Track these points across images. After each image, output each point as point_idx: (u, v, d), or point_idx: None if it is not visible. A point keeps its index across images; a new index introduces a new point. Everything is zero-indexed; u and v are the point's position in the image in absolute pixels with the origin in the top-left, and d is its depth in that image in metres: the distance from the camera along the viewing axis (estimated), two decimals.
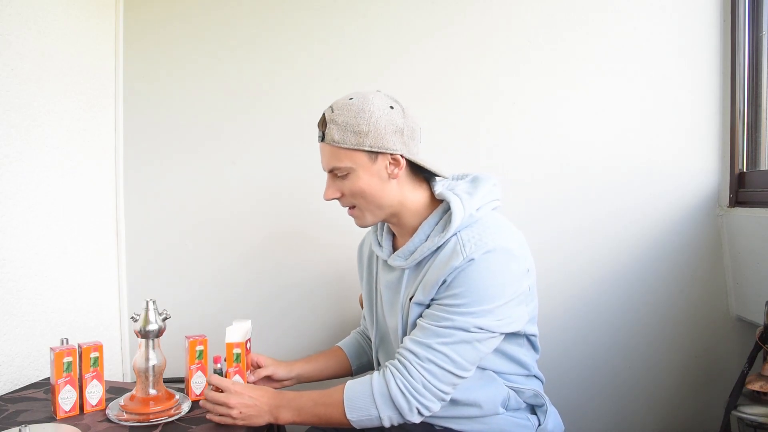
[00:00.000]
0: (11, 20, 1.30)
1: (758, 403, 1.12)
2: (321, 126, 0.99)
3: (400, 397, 0.90)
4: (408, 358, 0.92)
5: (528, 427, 1.04)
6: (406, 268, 1.01)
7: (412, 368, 0.91)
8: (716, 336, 1.44)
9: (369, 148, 0.95)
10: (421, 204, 1.02)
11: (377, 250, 1.09)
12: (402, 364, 0.92)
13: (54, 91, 1.44)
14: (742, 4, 1.37)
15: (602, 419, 1.50)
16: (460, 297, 0.92)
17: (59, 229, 1.47)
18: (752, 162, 1.39)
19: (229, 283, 1.68)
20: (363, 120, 0.94)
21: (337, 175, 0.99)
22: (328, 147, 0.97)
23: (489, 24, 1.50)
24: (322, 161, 1.01)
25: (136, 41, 1.69)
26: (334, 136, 0.95)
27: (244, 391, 0.99)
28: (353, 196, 0.99)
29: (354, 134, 0.94)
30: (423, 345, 0.92)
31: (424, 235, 0.99)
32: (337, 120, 0.95)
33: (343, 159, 0.96)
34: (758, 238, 1.28)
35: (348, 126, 0.94)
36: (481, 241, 0.93)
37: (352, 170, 0.97)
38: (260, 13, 1.63)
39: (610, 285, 1.47)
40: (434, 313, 0.94)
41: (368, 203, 0.99)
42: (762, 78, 1.37)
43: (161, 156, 1.70)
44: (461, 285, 0.92)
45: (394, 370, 0.93)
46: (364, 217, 1.02)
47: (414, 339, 0.93)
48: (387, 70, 1.56)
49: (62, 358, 1.11)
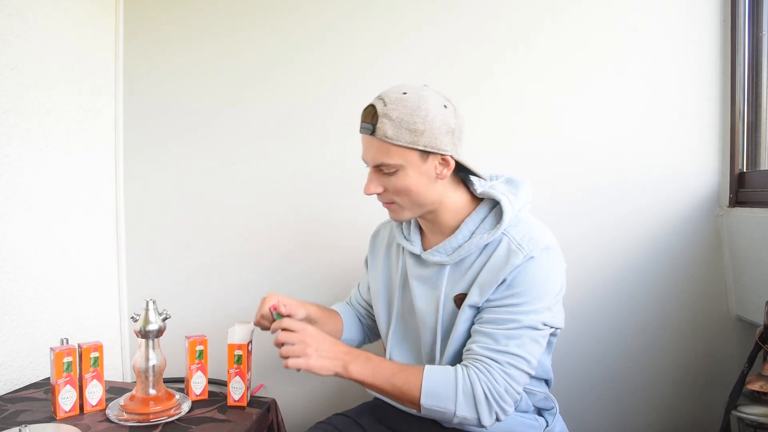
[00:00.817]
0: (11, 20, 1.30)
1: (758, 403, 1.12)
2: (370, 118, 0.93)
3: (484, 401, 0.88)
4: (490, 364, 0.90)
5: (536, 427, 1.05)
6: (449, 264, 1.00)
7: (496, 373, 0.89)
8: (716, 336, 1.44)
9: (422, 148, 0.92)
10: (460, 203, 1.01)
11: (406, 244, 1.07)
12: (486, 368, 0.90)
13: (54, 91, 1.44)
14: (742, 4, 1.37)
15: (602, 419, 1.50)
16: (522, 295, 0.92)
17: (59, 229, 1.47)
18: (752, 162, 1.39)
19: (229, 283, 1.68)
20: (419, 118, 0.91)
21: (383, 171, 0.95)
22: (378, 142, 0.93)
23: (488, 24, 1.50)
24: (367, 155, 0.96)
25: (136, 41, 1.69)
26: (387, 131, 0.91)
27: (319, 335, 0.95)
28: (397, 193, 0.96)
29: (409, 132, 0.91)
30: (500, 351, 0.90)
31: (468, 232, 0.99)
32: (390, 115, 0.91)
33: (394, 156, 0.92)
34: (758, 238, 1.28)
35: (403, 123, 0.91)
36: (534, 239, 0.94)
37: (401, 168, 0.93)
38: (260, 12, 1.63)
39: (610, 285, 1.47)
40: (498, 317, 0.93)
41: (411, 201, 0.97)
42: (762, 78, 1.37)
43: (161, 156, 1.70)
44: (522, 283, 0.92)
45: (479, 372, 0.90)
46: (402, 213, 0.99)
47: (488, 347, 0.91)
48: (387, 70, 1.56)
49: (62, 358, 1.11)
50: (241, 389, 1.18)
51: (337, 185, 1.60)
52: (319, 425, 1.10)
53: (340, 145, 1.59)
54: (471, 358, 0.92)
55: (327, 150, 1.60)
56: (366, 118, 0.94)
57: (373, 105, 0.93)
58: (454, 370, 0.91)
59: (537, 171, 1.48)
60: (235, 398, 1.19)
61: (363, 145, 0.97)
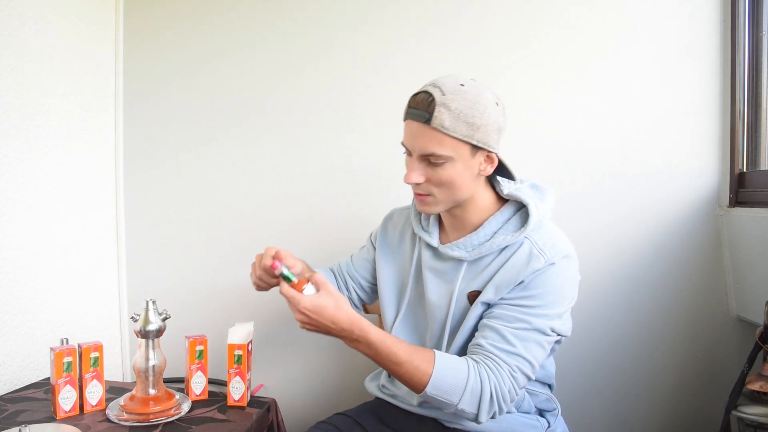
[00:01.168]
0: (11, 20, 1.30)
1: (758, 403, 1.12)
2: (425, 106, 0.89)
3: (488, 400, 0.88)
4: (500, 364, 0.89)
5: (538, 428, 1.05)
6: (467, 260, 0.99)
7: (504, 374, 0.89)
8: (716, 336, 1.44)
9: (475, 142, 0.90)
10: (488, 201, 1.01)
11: (425, 235, 1.06)
12: (496, 367, 0.89)
13: (54, 91, 1.44)
14: (742, 4, 1.37)
15: (602, 419, 1.51)
16: (537, 299, 0.92)
17: (59, 229, 1.47)
18: (752, 162, 1.39)
19: (229, 283, 1.68)
20: (478, 113, 0.89)
21: (430, 162, 0.92)
22: (432, 131, 0.89)
23: (487, 24, 1.50)
24: (415, 142, 0.92)
25: (136, 41, 1.69)
26: (444, 121, 0.88)
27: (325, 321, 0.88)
28: (439, 185, 0.93)
29: (466, 125, 0.89)
30: (509, 352, 0.90)
31: (491, 231, 0.98)
32: (450, 105, 0.88)
33: (447, 147, 0.90)
34: (758, 238, 1.28)
35: (461, 115, 0.88)
36: (556, 247, 0.94)
37: (450, 160, 0.91)
38: (260, 13, 1.63)
39: (610, 285, 1.47)
40: (508, 314, 0.92)
41: (449, 195, 0.95)
42: (762, 78, 1.37)
43: (161, 156, 1.70)
44: (539, 287, 0.92)
45: (489, 371, 0.89)
46: (435, 206, 0.97)
47: (497, 345, 0.90)
48: (388, 68, 1.56)
49: (62, 358, 1.11)
50: (241, 389, 1.18)
51: (338, 185, 1.60)
52: (319, 425, 1.09)
53: (341, 145, 1.59)
54: (481, 354, 0.91)
55: (328, 150, 1.60)
56: (420, 105, 0.90)
57: (430, 92, 0.89)
58: (465, 365, 0.89)
59: (536, 171, 1.48)
60: (235, 398, 1.19)
61: (410, 132, 0.93)
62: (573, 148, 1.47)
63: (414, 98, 0.92)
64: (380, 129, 1.56)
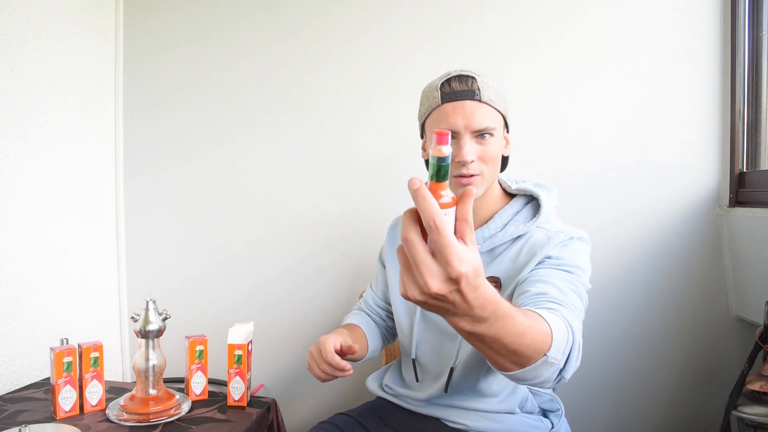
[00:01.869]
0: (11, 20, 1.30)
1: (758, 403, 1.12)
2: (470, 84, 0.94)
3: (576, 353, 0.75)
4: (574, 313, 0.81)
5: (541, 428, 1.05)
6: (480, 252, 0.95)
7: (580, 324, 0.83)
8: (716, 336, 1.44)
9: (507, 116, 1.00)
10: (496, 196, 1.04)
11: None
12: (573, 315, 0.81)
13: (54, 91, 1.44)
14: (742, 4, 1.37)
15: (602, 419, 1.50)
16: (571, 266, 0.92)
17: (59, 229, 1.47)
18: (752, 162, 1.39)
19: (229, 283, 1.68)
20: (504, 91, 0.99)
21: (479, 137, 0.94)
22: (483, 105, 0.94)
23: (489, 23, 1.50)
24: (470, 118, 0.93)
25: (136, 41, 1.69)
26: (491, 95, 0.95)
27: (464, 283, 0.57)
28: (489, 160, 0.95)
29: (502, 101, 0.98)
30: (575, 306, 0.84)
31: (502, 223, 1.01)
32: (488, 83, 0.96)
33: (496, 119, 0.96)
34: (758, 238, 1.28)
35: (498, 91, 0.97)
36: (571, 230, 0.97)
37: (495, 133, 0.96)
38: (259, 14, 1.63)
39: (610, 285, 1.47)
40: (555, 274, 0.89)
41: (492, 173, 0.98)
42: (762, 78, 1.37)
43: (161, 156, 1.70)
44: (569, 256, 0.93)
45: (571, 324, 0.76)
46: (481, 185, 0.97)
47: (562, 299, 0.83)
48: (392, 69, 1.56)
49: (62, 358, 1.11)
50: (241, 389, 1.18)
51: (338, 184, 1.60)
52: (321, 425, 1.09)
53: (342, 145, 1.59)
54: (552, 302, 0.82)
55: (328, 149, 1.60)
56: (465, 84, 0.94)
57: (467, 75, 0.95)
58: (563, 321, 0.75)
59: (536, 171, 1.48)
60: (235, 398, 1.19)
61: (460, 111, 0.93)
62: (573, 148, 1.47)
63: (450, 82, 0.95)
64: (382, 129, 1.56)
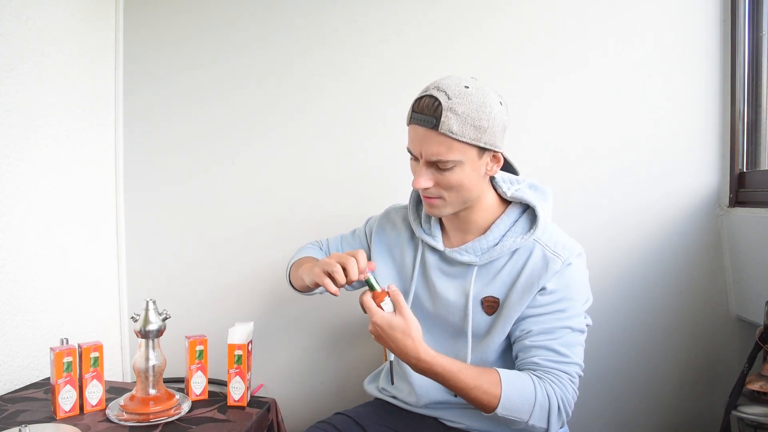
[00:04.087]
0: (11, 20, 1.30)
1: (758, 403, 1.12)
2: (432, 111, 0.87)
3: (556, 412, 0.89)
4: (561, 376, 0.91)
5: None
6: (478, 264, 0.99)
7: (567, 384, 0.91)
8: (716, 336, 1.44)
9: (483, 145, 0.90)
10: (492, 204, 1.01)
11: (429, 239, 1.04)
12: (558, 380, 0.91)
13: (54, 91, 1.44)
14: (742, 4, 1.37)
15: (602, 419, 1.51)
16: (566, 301, 0.94)
17: (59, 229, 1.47)
18: (752, 162, 1.39)
19: (229, 283, 1.68)
20: (485, 115, 0.88)
21: (438, 167, 0.91)
22: (440, 137, 0.88)
23: (488, 23, 1.50)
24: (423, 149, 0.90)
25: (136, 41, 1.69)
26: (452, 126, 0.87)
27: (395, 339, 0.89)
28: (448, 188, 0.92)
29: (474, 129, 0.88)
30: (566, 363, 0.92)
31: (500, 234, 0.99)
32: (456, 109, 0.87)
33: (455, 152, 0.89)
34: (758, 238, 1.28)
35: (468, 119, 0.87)
36: (567, 246, 0.96)
37: (458, 164, 0.90)
38: (259, 13, 1.63)
39: (609, 285, 1.47)
40: (548, 327, 0.93)
41: (459, 197, 0.94)
42: (762, 78, 1.37)
43: (161, 156, 1.70)
44: (564, 289, 0.94)
45: (554, 385, 0.90)
46: (444, 209, 0.96)
47: (553, 360, 0.92)
48: (391, 69, 1.56)
49: (62, 358, 1.11)
50: (241, 389, 1.18)
51: (338, 184, 1.60)
52: (319, 424, 1.09)
53: (342, 144, 1.59)
54: (540, 371, 0.92)
55: (328, 149, 1.60)
56: (426, 110, 0.88)
57: (435, 97, 0.88)
58: (531, 382, 0.90)
59: (536, 171, 1.48)
60: (235, 398, 1.19)
61: (416, 137, 0.91)
62: (573, 148, 1.47)
63: (418, 103, 0.90)
64: (383, 129, 1.56)
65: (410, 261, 1.09)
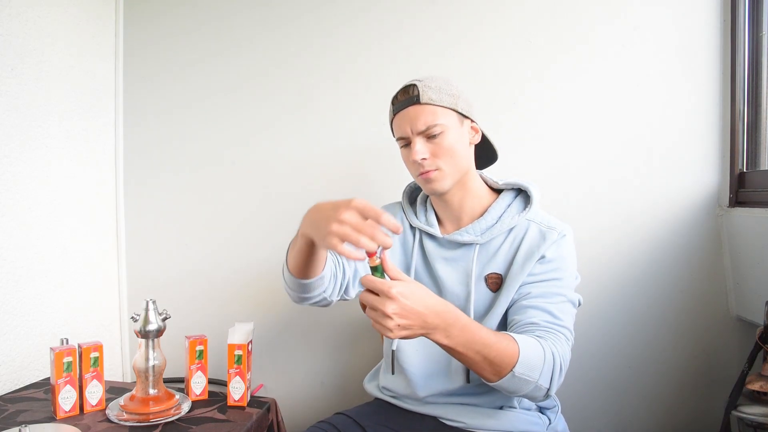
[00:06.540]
0: (11, 20, 1.30)
1: (758, 403, 1.12)
2: (412, 91, 1.03)
3: (558, 372, 0.90)
4: (559, 337, 0.93)
5: (539, 424, 1.06)
6: (479, 243, 1.05)
7: (565, 345, 0.93)
8: (716, 336, 1.44)
9: (460, 110, 1.04)
10: (483, 192, 1.10)
11: (427, 227, 1.10)
12: (557, 339, 0.93)
13: (54, 91, 1.44)
14: (742, 4, 1.37)
15: (602, 419, 1.50)
16: (561, 270, 1.00)
17: (59, 229, 1.47)
18: (752, 162, 1.39)
19: (229, 283, 1.68)
20: (453, 88, 1.04)
21: (429, 136, 1.02)
22: (425, 107, 1.01)
23: (487, 23, 1.50)
24: (415, 123, 1.02)
25: (136, 41, 1.69)
26: (431, 95, 1.01)
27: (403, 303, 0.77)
28: (443, 155, 1.02)
29: (448, 96, 1.03)
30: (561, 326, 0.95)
31: (497, 215, 1.06)
32: (430, 85, 1.02)
33: (440, 116, 1.01)
34: (758, 238, 1.28)
35: (442, 90, 1.02)
36: (559, 224, 1.04)
37: (446, 128, 1.02)
38: (260, 13, 1.63)
39: (610, 285, 1.47)
40: (547, 291, 0.98)
41: (453, 165, 1.03)
42: (762, 78, 1.36)
43: (161, 156, 1.70)
44: (560, 259, 1.00)
45: (555, 344, 0.91)
46: (444, 180, 1.04)
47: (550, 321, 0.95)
48: (391, 69, 1.56)
49: (62, 358, 1.11)
50: (241, 389, 1.18)
51: (338, 184, 1.60)
52: (319, 424, 1.09)
53: (342, 144, 1.59)
54: (539, 330, 0.94)
55: (328, 149, 1.60)
56: (406, 94, 1.03)
57: (408, 85, 1.04)
58: (538, 341, 0.89)
59: (535, 171, 1.48)
60: (235, 398, 1.19)
61: (403, 119, 1.03)
62: (573, 149, 1.47)
63: (396, 97, 1.06)
64: (383, 129, 1.56)
65: (409, 252, 1.13)
